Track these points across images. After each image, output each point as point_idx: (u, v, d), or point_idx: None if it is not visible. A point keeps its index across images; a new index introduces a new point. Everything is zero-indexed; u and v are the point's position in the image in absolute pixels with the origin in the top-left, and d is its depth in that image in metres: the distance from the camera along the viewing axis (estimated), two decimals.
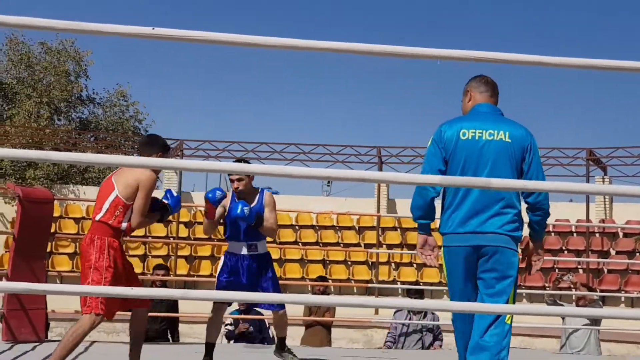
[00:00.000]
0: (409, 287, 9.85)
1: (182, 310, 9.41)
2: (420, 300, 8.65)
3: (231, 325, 9.31)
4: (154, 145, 5.44)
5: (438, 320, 9.00)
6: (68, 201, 20.33)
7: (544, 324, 11.05)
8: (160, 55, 54.64)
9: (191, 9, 51.99)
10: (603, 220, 19.90)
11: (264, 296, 4.88)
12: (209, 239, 19.17)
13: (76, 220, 19.94)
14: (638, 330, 11.92)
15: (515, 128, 4.45)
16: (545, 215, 4.52)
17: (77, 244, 17.63)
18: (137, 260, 19.57)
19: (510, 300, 4.37)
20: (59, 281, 15.15)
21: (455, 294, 4.46)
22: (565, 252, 19.30)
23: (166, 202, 5.51)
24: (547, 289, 9.64)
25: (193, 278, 18.36)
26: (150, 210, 5.32)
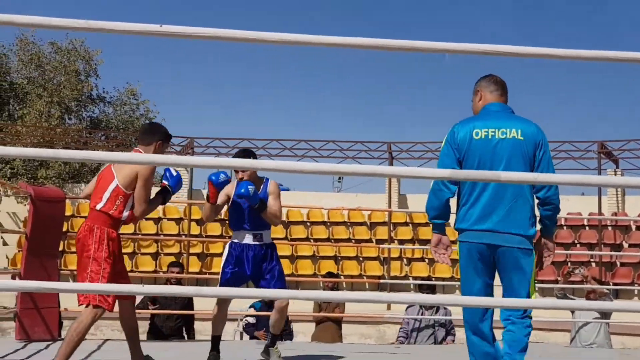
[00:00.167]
0: (421, 283, 9.86)
1: (197, 308, 9.43)
2: (431, 294, 8.64)
3: (252, 317, 9.30)
4: (155, 133, 5.42)
5: (450, 315, 8.99)
6: (80, 200, 20.39)
7: (554, 318, 11.03)
8: (170, 53, 54.71)
9: (199, 6, 52.06)
10: (615, 214, 19.84)
11: (274, 292, 4.86)
12: (220, 236, 19.27)
13: None
14: None
15: (527, 125, 4.51)
16: (556, 210, 4.57)
17: None
18: (150, 258, 19.64)
19: (531, 295, 4.47)
20: (71, 280, 15.17)
21: (468, 288, 4.50)
22: (578, 246, 19.27)
23: (166, 183, 5.48)
24: (559, 283, 9.61)
25: (205, 275, 18.41)
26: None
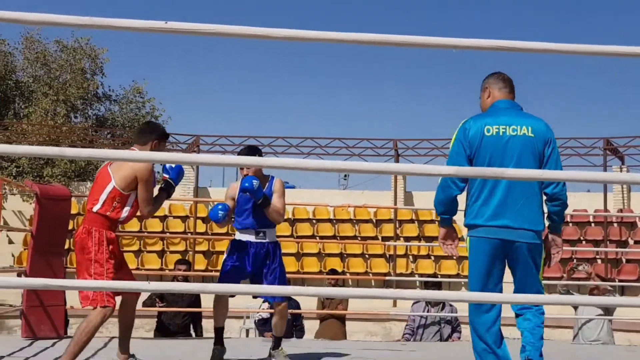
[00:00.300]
0: (427, 280, 9.84)
1: (204, 305, 9.43)
2: (437, 291, 8.62)
3: (266, 312, 9.29)
4: (151, 132, 5.42)
5: (456, 312, 8.97)
6: (85, 198, 20.39)
7: (558, 315, 11.00)
8: (176, 51, 54.75)
9: (204, 3, 52.07)
10: (621, 210, 19.82)
11: (279, 289, 4.85)
12: (226, 234, 19.27)
13: None
14: None
15: (536, 122, 4.55)
16: (564, 206, 4.61)
17: None
18: (155, 255, 19.66)
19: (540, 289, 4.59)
20: (77, 277, 15.18)
21: (477, 284, 4.51)
22: (583, 242, 19.23)
23: (167, 177, 5.48)
24: (563, 279, 9.61)
25: (211, 273, 18.40)
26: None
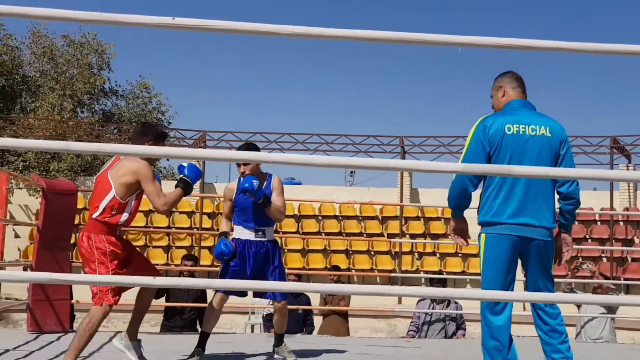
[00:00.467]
0: (432, 277, 9.84)
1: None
2: (442, 288, 8.62)
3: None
4: (146, 134, 5.43)
5: (461, 310, 8.98)
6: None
7: (563, 313, 10.96)
8: (183, 47, 54.76)
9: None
10: (627, 209, 19.78)
11: (283, 285, 4.85)
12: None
13: None
14: None
15: (552, 122, 4.61)
16: (577, 204, 4.69)
17: None
18: (161, 251, 19.68)
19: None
20: (83, 272, 15.22)
21: (493, 282, 4.51)
22: (589, 241, 19.19)
23: (183, 176, 5.45)
24: (567, 277, 9.60)
25: (217, 268, 18.39)
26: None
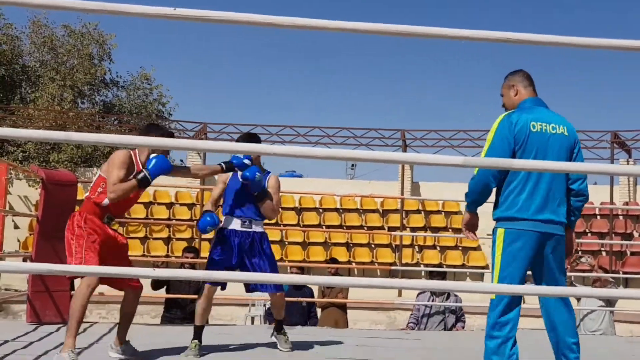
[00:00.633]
0: (432, 270, 9.85)
1: None
2: (440, 281, 8.64)
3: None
4: (149, 133, 5.48)
5: (461, 302, 8.99)
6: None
7: None
8: (185, 38, 54.71)
9: None
10: (627, 203, 19.82)
11: (283, 277, 4.85)
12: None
13: None
14: None
15: (567, 122, 4.70)
16: (586, 201, 4.79)
17: None
18: (161, 242, 19.68)
19: None
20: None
21: (511, 277, 4.52)
22: (589, 235, 19.22)
23: (145, 169, 5.40)
24: (567, 271, 9.62)
25: None
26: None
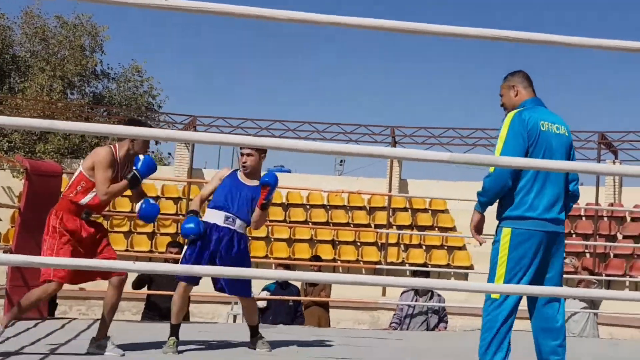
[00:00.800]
0: (416, 269, 9.83)
1: (194, 289, 9.38)
2: (424, 279, 8.63)
3: (264, 301, 9.24)
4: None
5: (444, 302, 8.97)
6: None
7: None
8: (177, 31, 54.60)
9: None
10: (612, 204, 19.83)
11: (266, 273, 4.78)
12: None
13: None
14: None
15: (565, 122, 4.77)
16: (576, 201, 4.93)
17: None
18: (146, 237, 19.59)
19: None
20: None
21: (519, 277, 4.53)
22: (574, 236, 19.23)
23: (134, 169, 5.42)
24: None
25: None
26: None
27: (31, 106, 24.02)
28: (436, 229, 20.06)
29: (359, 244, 19.86)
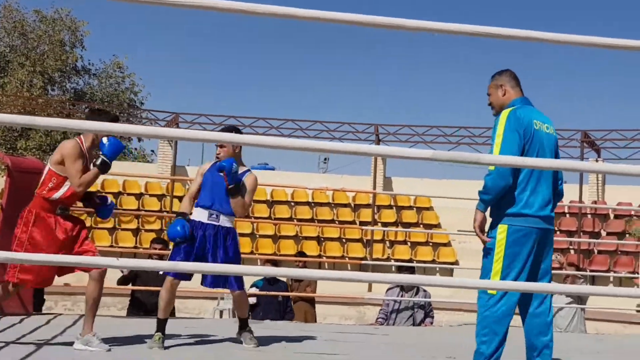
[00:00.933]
0: (401, 265, 9.82)
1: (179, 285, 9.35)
2: (410, 274, 8.63)
3: (253, 297, 9.22)
4: (100, 119, 5.40)
5: (430, 298, 8.98)
6: None
7: None
8: (158, 27, 54.41)
9: None
10: (595, 202, 20.02)
11: (252, 269, 4.78)
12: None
13: None
14: (625, 310, 12.44)
15: (551, 121, 4.81)
16: (560, 199, 4.92)
17: None
18: (130, 234, 19.52)
19: None
20: None
21: (515, 274, 4.54)
22: (558, 233, 19.36)
23: (100, 153, 5.42)
24: None
25: None
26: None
27: (11, 102, 23.83)
28: (421, 225, 20.11)
29: (344, 240, 19.86)
